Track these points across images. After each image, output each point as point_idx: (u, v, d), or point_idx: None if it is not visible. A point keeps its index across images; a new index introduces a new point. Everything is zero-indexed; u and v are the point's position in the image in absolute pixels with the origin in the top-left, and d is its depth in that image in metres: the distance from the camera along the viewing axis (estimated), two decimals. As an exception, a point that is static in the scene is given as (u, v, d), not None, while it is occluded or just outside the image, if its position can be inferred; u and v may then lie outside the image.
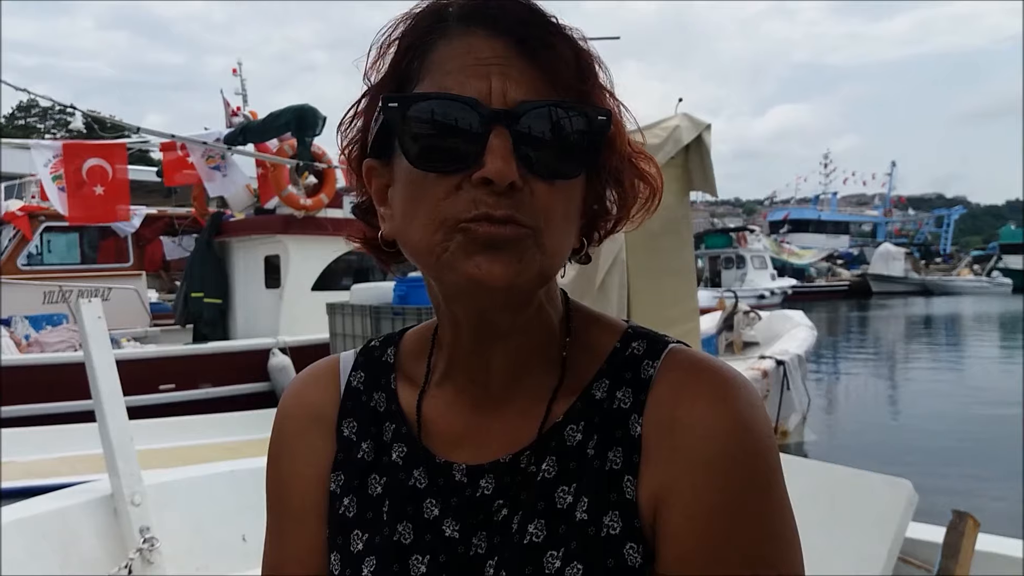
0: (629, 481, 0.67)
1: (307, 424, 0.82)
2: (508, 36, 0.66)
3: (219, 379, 8.80)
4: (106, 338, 3.51)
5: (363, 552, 0.75)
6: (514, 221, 0.63)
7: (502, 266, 0.63)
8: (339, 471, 0.79)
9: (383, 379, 0.82)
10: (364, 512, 0.76)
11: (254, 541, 3.44)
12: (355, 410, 0.81)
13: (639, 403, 0.70)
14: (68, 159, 9.18)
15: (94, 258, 12.60)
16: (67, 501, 3.27)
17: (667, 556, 0.65)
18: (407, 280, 8.64)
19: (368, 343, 0.87)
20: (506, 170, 0.62)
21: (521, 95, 0.64)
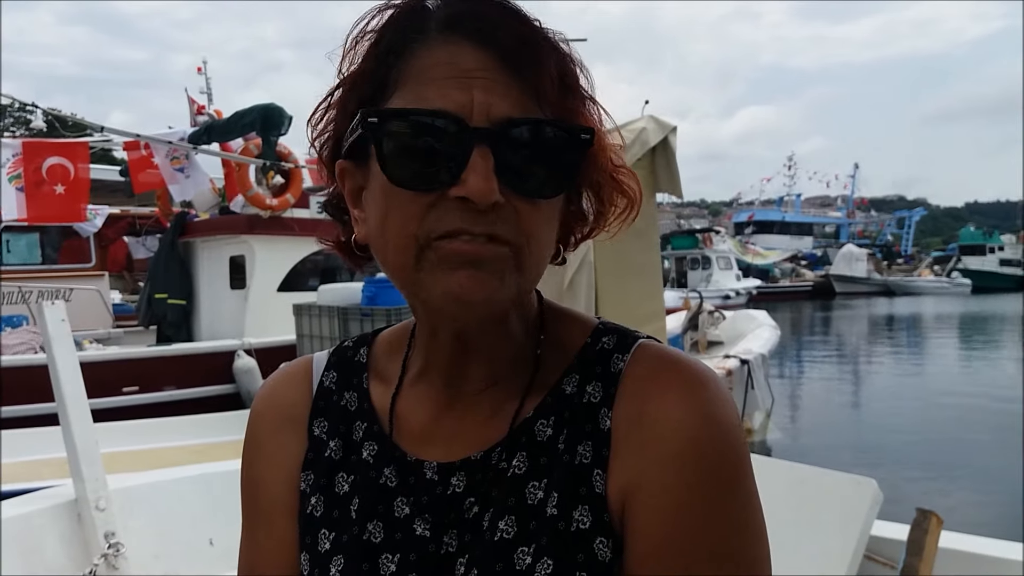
0: (599, 475, 0.67)
1: (279, 424, 0.82)
2: (493, 48, 0.64)
3: (184, 381, 8.68)
4: (70, 340, 3.45)
5: (331, 551, 0.74)
6: (495, 237, 0.62)
7: (481, 284, 0.63)
8: (309, 470, 0.79)
9: (355, 379, 0.82)
10: (331, 511, 0.76)
11: (221, 545, 3.42)
12: (326, 409, 0.81)
13: (609, 397, 0.70)
14: (28, 158, 8.98)
15: (55, 258, 12.34)
16: (30, 507, 3.20)
17: (636, 550, 0.65)
18: (376, 281, 8.59)
19: (341, 343, 0.87)
20: (487, 189, 0.61)
21: (506, 111, 0.63)
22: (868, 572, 2.50)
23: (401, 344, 0.82)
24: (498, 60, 0.64)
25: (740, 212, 64.19)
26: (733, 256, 35.88)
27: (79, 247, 12.21)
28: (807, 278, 45.68)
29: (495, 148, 0.62)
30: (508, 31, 0.65)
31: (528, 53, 0.65)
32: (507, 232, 0.63)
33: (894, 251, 63.96)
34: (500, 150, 0.62)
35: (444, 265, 0.63)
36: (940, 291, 45.35)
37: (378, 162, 0.64)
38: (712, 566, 0.63)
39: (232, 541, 3.02)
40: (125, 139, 9.44)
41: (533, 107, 0.64)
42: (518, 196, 0.63)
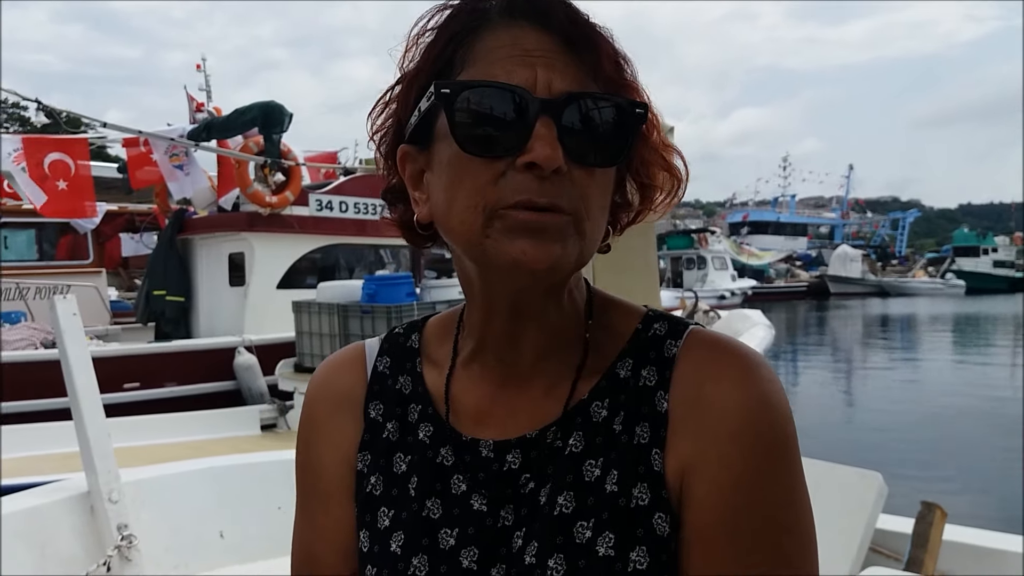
0: (657, 454, 0.70)
1: (335, 408, 0.85)
2: (553, 31, 0.69)
3: (184, 378, 8.68)
4: (81, 334, 3.48)
5: (390, 528, 0.77)
6: (556, 207, 0.66)
7: (545, 251, 0.66)
8: (365, 451, 0.82)
9: (408, 363, 0.85)
10: (390, 489, 0.79)
11: (231, 538, 3.45)
12: (381, 393, 0.84)
13: (664, 380, 0.73)
14: (29, 153, 8.98)
15: (52, 255, 12.32)
16: (43, 499, 3.22)
17: (694, 524, 0.68)
18: (376, 278, 8.62)
19: (392, 330, 0.90)
20: (553, 156, 0.65)
21: (566, 86, 0.67)
22: (874, 564, 2.55)
23: (450, 329, 0.85)
24: (557, 41, 0.69)
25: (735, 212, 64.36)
26: (728, 256, 35.97)
27: (77, 244, 12.20)
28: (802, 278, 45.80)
29: (557, 119, 0.66)
30: (564, 15, 0.70)
31: (583, 35, 0.70)
32: (567, 200, 0.67)
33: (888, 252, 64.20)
34: (562, 121, 0.66)
35: (510, 234, 0.66)
36: (934, 292, 45.54)
37: (450, 131, 0.68)
38: (769, 537, 0.67)
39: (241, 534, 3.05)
40: (125, 135, 9.44)
41: (590, 84, 0.69)
42: (577, 165, 0.67)
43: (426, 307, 7.76)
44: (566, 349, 0.78)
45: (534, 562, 0.70)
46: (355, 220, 11.14)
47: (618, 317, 0.80)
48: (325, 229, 10.75)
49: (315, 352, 8.26)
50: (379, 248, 11.57)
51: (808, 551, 0.69)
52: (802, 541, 0.69)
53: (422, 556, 0.75)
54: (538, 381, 0.78)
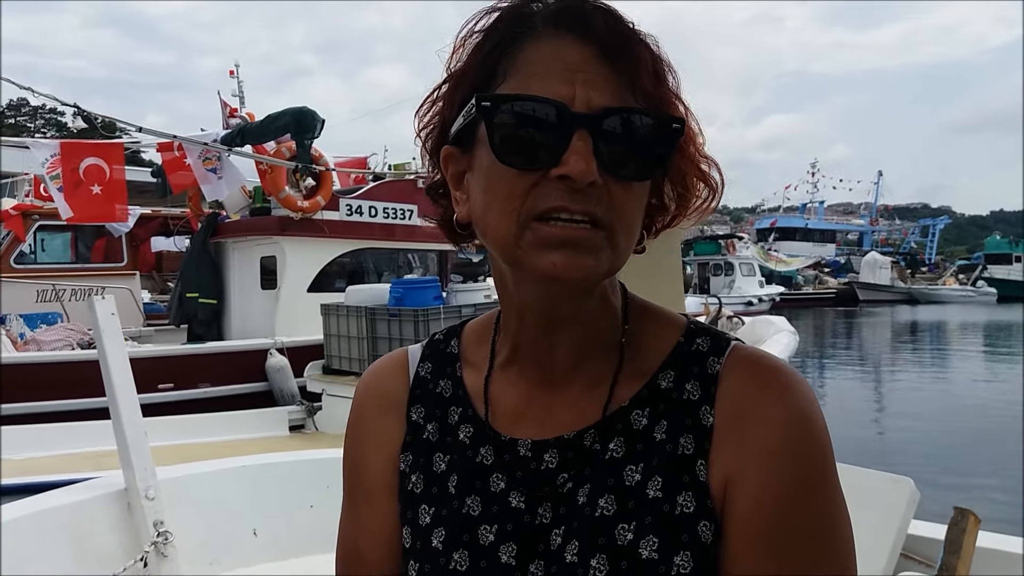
0: (702, 465, 0.73)
1: (381, 410, 0.89)
2: (594, 42, 0.70)
3: (218, 379, 8.81)
4: (119, 334, 3.55)
5: (431, 524, 0.80)
6: (590, 219, 0.68)
7: (576, 263, 0.69)
8: (408, 452, 0.85)
9: (448, 368, 0.88)
10: (430, 487, 0.82)
11: (264, 536, 3.50)
12: (423, 397, 0.87)
13: (709, 396, 0.75)
14: (66, 158, 9.18)
15: (88, 257, 12.56)
16: (81, 495, 3.29)
17: (736, 534, 0.71)
18: (403, 282, 8.70)
19: (432, 336, 0.94)
20: (587, 169, 0.67)
21: (604, 101, 0.69)
22: (905, 571, 2.53)
23: (488, 331, 0.88)
24: (598, 53, 0.70)
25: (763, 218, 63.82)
26: (756, 262, 35.70)
27: (111, 246, 12.42)
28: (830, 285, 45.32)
29: (594, 133, 0.68)
30: (607, 27, 0.71)
31: (625, 47, 0.71)
32: (601, 212, 0.69)
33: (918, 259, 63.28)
34: (598, 135, 0.68)
35: (541, 246, 0.69)
36: (965, 300, 44.84)
37: (488, 142, 0.70)
38: (809, 550, 0.70)
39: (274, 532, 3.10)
40: (161, 140, 9.60)
41: (629, 98, 0.70)
42: (613, 178, 0.69)
43: (452, 311, 7.81)
44: (602, 353, 0.80)
45: (575, 560, 0.73)
46: (384, 224, 11.24)
47: (657, 326, 0.82)
48: (355, 233, 10.86)
49: (343, 355, 8.34)
50: (407, 252, 11.66)
51: (847, 564, 0.72)
52: (840, 554, 0.72)
53: (463, 551, 0.78)
54: (575, 384, 0.80)
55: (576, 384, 0.80)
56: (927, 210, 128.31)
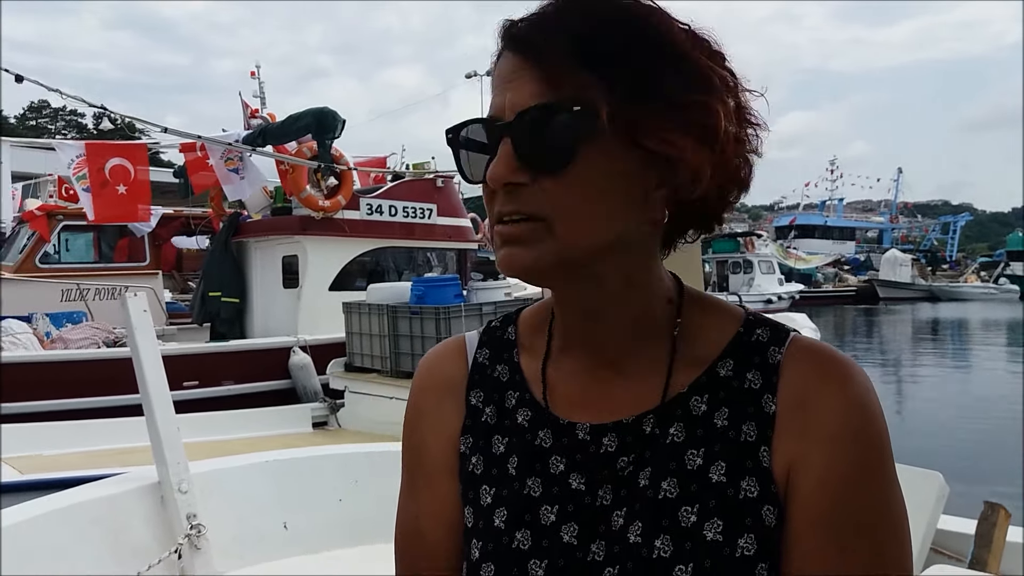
0: (764, 451, 0.75)
1: (440, 395, 0.91)
2: (520, 48, 0.74)
3: (242, 376, 8.91)
4: (152, 331, 3.59)
5: (492, 504, 0.82)
6: (525, 215, 0.73)
7: (516, 257, 0.74)
8: (467, 435, 0.88)
9: (505, 354, 0.91)
10: (490, 469, 0.85)
11: (295, 529, 3.54)
12: (481, 382, 0.90)
13: (771, 384, 0.77)
14: (91, 159, 9.31)
15: (111, 257, 12.70)
16: (116, 489, 3.35)
17: (799, 518, 0.73)
18: (424, 280, 8.75)
19: (489, 324, 0.96)
20: (495, 173, 0.73)
21: (522, 103, 0.72)
22: (935, 563, 2.53)
23: (544, 319, 0.91)
24: (523, 59, 0.73)
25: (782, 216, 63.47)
26: (775, 260, 35.49)
27: (134, 246, 12.55)
28: (850, 283, 45.00)
29: (513, 137, 0.72)
30: (532, 26, 0.73)
31: (538, 40, 0.72)
32: (533, 207, 0.73)
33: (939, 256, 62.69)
34: (517, 138, 0.72)
35: (498, 246, 0.76)
36: (987, 297, 44.37)
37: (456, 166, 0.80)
38: (870, 534, 0.72)
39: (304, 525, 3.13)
40: (185, 140, 9.70)
41: (548, 92, 0.71)
42: (541, 173, 0.72)
43: (473, 309, 7.85)
44: (656, 342, 0.82)
45: (639, 541, 0.74)
46: (404, 224, 11.31)
47: (715, 317, 0.84)
48: (375, 232, 10.93)
49: (365, 352, 8.41)
50: (426, 251, 11.73)
51: (905, 548, 0.74)
52: (899, 539, 0.74)
53: (525, 531, 0.80)
54: (630, 371, 0.82)
55: (631, 371, 0.82)
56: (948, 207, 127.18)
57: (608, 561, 0.76)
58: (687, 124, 0.72)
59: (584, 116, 0.70)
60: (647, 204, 0.75)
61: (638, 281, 0.81)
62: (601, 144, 0.71)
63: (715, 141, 0.73)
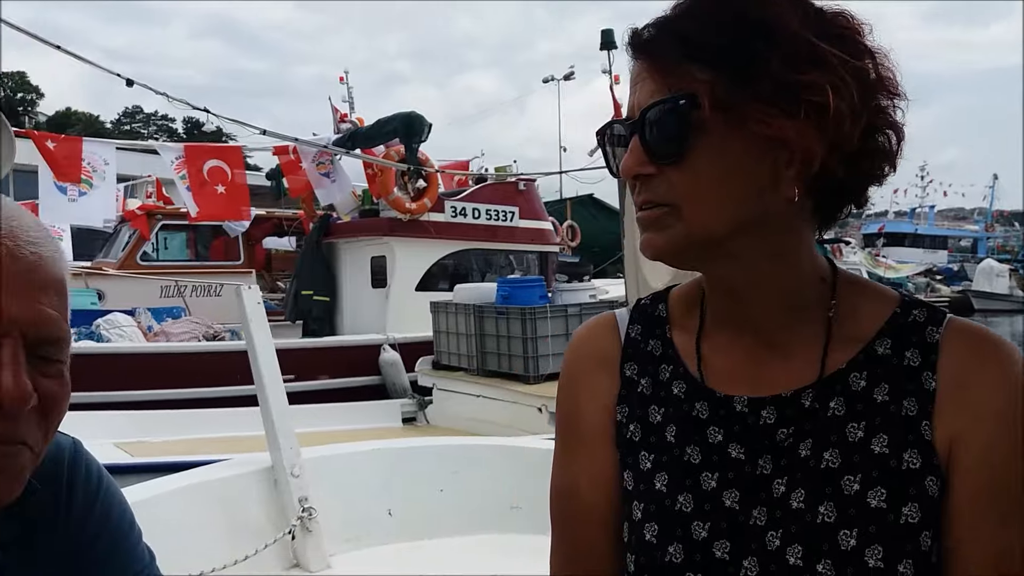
0: (926, 426, 0.78)
1: (594, 366, 0.96)
2: (643, 53, 0.81)
3: (335, 372, 9.16)
4: (266, 323, 3.76)
5: (652, 469, 0.87)
6: (653, 204, 0.81)
7: (651, 241, 0.82)
8: (623, 404, 0.92)
9: (658, 330, 0.95)
10: (648, 436, 0.89)
11: (399, 515, 3.64)
12: (635, 356, 0.94)
13: (930, 363, 0.81)
14: (190, 160, 9.72)
15: (206, 256, 13.16)
16: (233, 471, 3.52)
17: (960, 490, 0.76)
18: (509, 281, 8.84)
19: (639, 302, 1.01)
20: (625, 166, 0.81)
21: (643, 103, 0.80)
22: None
23: (695, 298, 0.95)
24: (642, 62, 0.81)
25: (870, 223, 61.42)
26: (864, 268, 34.36)
27: (228, 246, 13.01)
28: (943, 293, 43.17)
29: (639, 133, 0.80)
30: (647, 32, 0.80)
31: (651, 43, 0.80)
32: (662, 195, 0.80)
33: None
34: (642, 134, 0.80)
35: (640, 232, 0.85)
36: (1092, 311, 42.05)
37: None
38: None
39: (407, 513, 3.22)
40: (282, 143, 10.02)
41: (661, 90, 0.79)
42: (663, 164, 0.79)
43: (558, 310, 7.89)
44: (809, 320, 0.85)
45: (802, 507, 0.78)
46: (487, 226, 11.45)
47: (870, 298, 0.87)
48: (459, 234, 11.10)
49: (452, 351, 8.54)
50: (507, 253, 11.84)
51: None
52: None
53: (687, 495, 0.84)
54: (785, 347, 0.85)
55: (785, 347, 0.85)
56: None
57: (770, 525, 0.79)
58: (792, 105, 0.74)
59: (690, 108, 0.77)
60: (777, 184, 0.78)
61: (784, 258, 0.84)
62: (712, 132, 0.77)
63: (825, 119, 0.74)
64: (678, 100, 0.77)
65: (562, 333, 7.64)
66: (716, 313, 0.90)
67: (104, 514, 0.95)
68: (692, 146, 0.77)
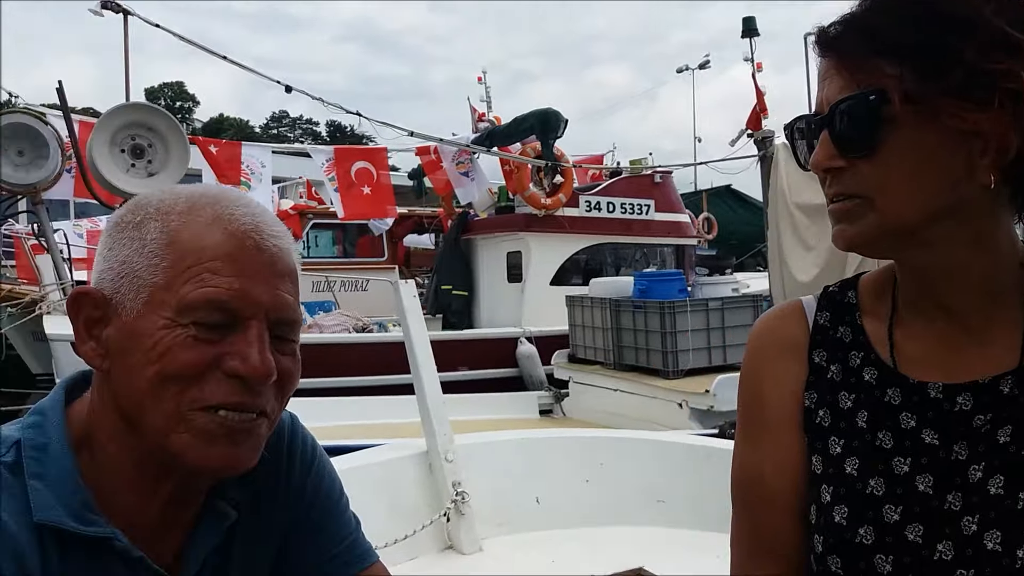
0: None
1: (781, 352, 0.97)
2: (830, 50, 0.82)
3: (474, 363, 9.44)
4: (421, 314, 3.92)
5: (843, 454, 0.87)
6: (845, 196, 0.82)
7: (843, 232, 0.83)
8: (811, 390, 0.93)
9: (847, 316, 0.95)
10: (837, 422, 0.89)
11: (546, 504, 3.74)
12: (823, 342, 0.95)
13: None
14: (339, 162, 10.24)
15: (352, 253, 13.80)
16: (392, 454, 3.70)
17: None
18: (647, 274, 8.81)
19: (826, 288, 1.01)
20: (815, 160, 0.83)
21: (832, 98, 0.81)
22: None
23: (885, 285, 0.94)
24: (830, 59, 0.82)
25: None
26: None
27: (373, 243, 13.60)
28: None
29: (828, 128, 0.81)
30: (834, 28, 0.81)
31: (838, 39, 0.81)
32: (853, 187, 0.81)
33: None
34: (831, 129, 0.81)
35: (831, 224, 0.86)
36: None
37: None
38: None
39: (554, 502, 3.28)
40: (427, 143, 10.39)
41: (850, 86, 0.79)
42: (854, 158, 0.80)
43: (698, 304, 7.78)
44: (1008, 305, 0.84)
45: (1001, 493, 0.78)
46: (622, 220, 11.42)
47: None
48: (594, 229, 11.14)
49: (587, 344, 8.60)
50: (642, 247, 11.77)
51: None
52: None
53: (878, 479, 0.84)
54: (981, 333, 0.84)
55: (981, 333, 0.84)
56: None
57: (966, 511, 0.79)
58: (986, 95, 0.73)
59: (879, 103, 0.78)
60: (972, 173, 0.77)
61: (981, 244, 0.83)
62: (904, 126, 0.77)
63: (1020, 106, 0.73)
64: (867, 96, 0.78)
65: (702, 328, 7.53)
66: (909, 299, 0.90)
67: (317, 483, 1.03)
68: (883, 140, 0.78)
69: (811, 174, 0.87)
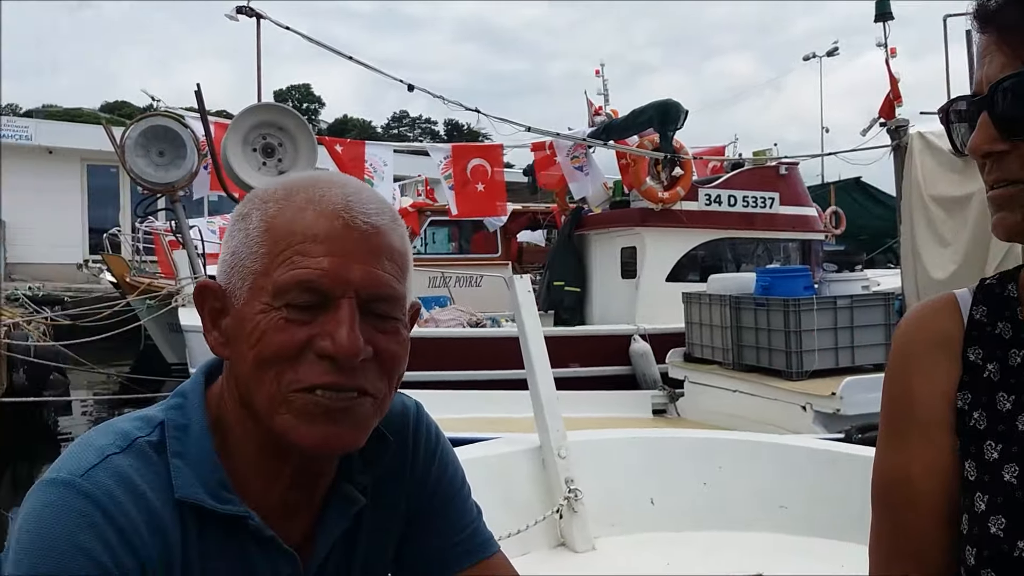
0: None
1: (932, 348, 0.90)
2: (989, 28, 0.77)
3: (586, 360, 9.37)
4: (535, 311, 3.92)
5: (999, 460, 0.80)
6: (1008, 182, 0.77)
7: (1004, 220, 0.79)
8: (966, 391, 0.86)
9: (1006, 311, 0.88)
10: (995, 425, 0.82)
11: (661, 505, 3.66)
12: (980, 339, 0.87)
13: None
14: (456, 160, 10.40)
15: (467, 249, 14.06)
16: (506, 448, 3.72)
17: None
18: (770, 271, 8.50)
19: (983, 281, 0.93)
20: (973, 143, 0.78)
21: (993, 77, 0.75)
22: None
23: None
24: (991, 35, 0.77)
25: None
26: None
27: (488, 239, 13.79)
28: None
29: (989, 108, 0.76)
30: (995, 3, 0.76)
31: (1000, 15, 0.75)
32: (1016, 173, 0.76)
33: None
34: (992, 110, 0.76)
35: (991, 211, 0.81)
36: None
37: None
38: None
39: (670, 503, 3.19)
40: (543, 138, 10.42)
41: (1014, 63, 0.74)
42: (1018, 141, 0.75)
43: (826, 302, 7.45)
44: None
45: None
46: (743, 214, 11.07)
47: None
48: (713, 223, 10.85)
49: (705, 343, 8.39)
50: (765, 242, 11.37)
51: None
52: None
53: None
54: None
55: None
56: None
57: None
58: None
59: None
60: None
61: None
62: None
63: None
64: None
65: (829, 327, 7.20)
66: None
67: (441, 471, 1.05)
68: None
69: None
